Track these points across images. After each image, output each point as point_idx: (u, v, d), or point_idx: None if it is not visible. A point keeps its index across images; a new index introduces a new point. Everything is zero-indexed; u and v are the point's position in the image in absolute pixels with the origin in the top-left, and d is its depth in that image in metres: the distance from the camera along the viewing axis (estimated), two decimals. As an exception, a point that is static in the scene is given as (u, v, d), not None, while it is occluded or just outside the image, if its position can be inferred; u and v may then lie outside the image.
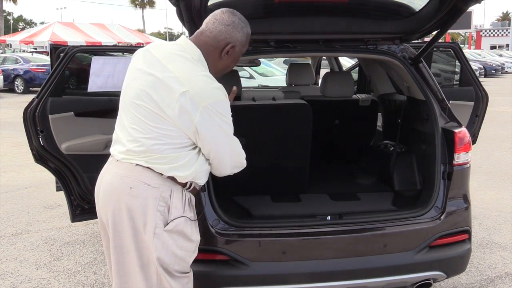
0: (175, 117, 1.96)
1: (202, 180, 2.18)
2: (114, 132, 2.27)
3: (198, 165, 2.10)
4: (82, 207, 3.81)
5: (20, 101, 14.52)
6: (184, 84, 1.95)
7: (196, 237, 2.20)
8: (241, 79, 4.53)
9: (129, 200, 2.05)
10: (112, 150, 2.24)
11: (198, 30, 2.14)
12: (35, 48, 32.67)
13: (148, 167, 2.05)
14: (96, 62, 3.71)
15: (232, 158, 2.13)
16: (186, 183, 2.11)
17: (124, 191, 2.06)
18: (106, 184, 2.14)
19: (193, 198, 2.20)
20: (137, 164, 2.06)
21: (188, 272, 2.20)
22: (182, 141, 2.03)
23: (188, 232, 2.14)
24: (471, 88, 4.57)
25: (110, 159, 2.26)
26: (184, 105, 1.94)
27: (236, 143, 2.13)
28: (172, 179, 2.07)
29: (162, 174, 2.06)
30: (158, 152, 2.02)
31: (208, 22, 2.11)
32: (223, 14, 2.09)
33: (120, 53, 4.60)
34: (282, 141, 3.23)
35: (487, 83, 18.01)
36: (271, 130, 3.22)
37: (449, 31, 4.99)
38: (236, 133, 2.10)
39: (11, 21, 72.14)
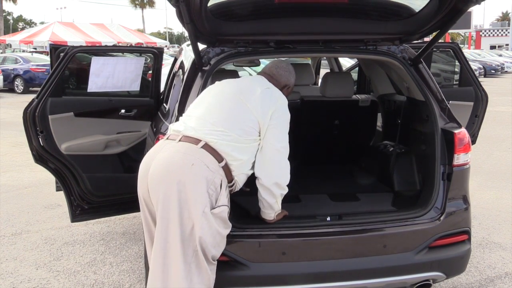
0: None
1: (242, 181, 2.56)
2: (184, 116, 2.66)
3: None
4: (82, 207, 3.82)
5: (20, 101, 14.51)
6: None
7: (228, 229, 2.47)
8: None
9: (187, 174, 2.30)
10: (173, 130, 2.56)
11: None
12: (35, 48, 32.63)
13: (212, 149, 2.39)
14: (96, 62, 3.71)
15: None
16: (232, 179, 2.46)
17: (185, 165, 2.32)
18: (163, 159, 2.38)
19: (230, 196, 2.50)
20: (201, 147, 2.38)
21: (215, 261, 2.42)
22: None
23: (227, 221, 2.43)
24: (470, 88, 4.58)
25: (162, 141, 2.53)
26: None
27: None
28: (225, 169, 2.41)
29: (219, 162, 2.39)
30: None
31: (271, 67, 2.90)
32: (283, 64, 2.95)
33: (120, 53, 4.60)
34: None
35: (487, 83, 18.02)
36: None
37: (449, 31, 4.98)
38: None
39: (11, 21, 72.11)
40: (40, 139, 3.50)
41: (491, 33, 57.26)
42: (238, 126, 2.49)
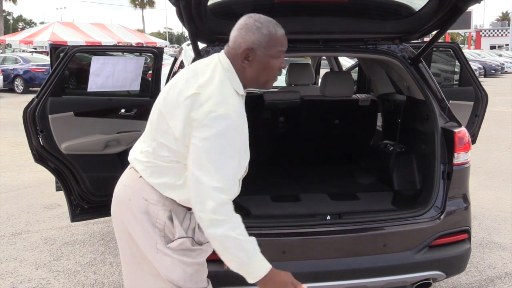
0: None
1: None
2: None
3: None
4: (82, 207, 3.81)
5: (20, 101, 14.50)
6: None
7: (202, 254, 2.04)
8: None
9: (124, 212, 2.02)
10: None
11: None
12: (35, 48, 32.65)
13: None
14: (96, 62, 3.71)
15: None
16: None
17: (123, 201, 2.03)
18: (114, 194, 2.12)
19: None
20: (140, 176, 1.98)
21: (206, 287, 2.08)
22: None
23: (198, 248, 2.00)
24: (470, 88, 4.58)
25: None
26: None
27: None
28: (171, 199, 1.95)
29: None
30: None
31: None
32: (240, 19, 1.93)
33: (120, 53, 4.60)
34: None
35: (487, 83, 18.00)
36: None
37: (449, 31, 5.00)
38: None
39: (11, 21, 72.14)
40: (40, 138, 3.50)
41: (491, 33, 57.24)
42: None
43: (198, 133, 1.78)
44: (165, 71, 4.31)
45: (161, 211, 1.94)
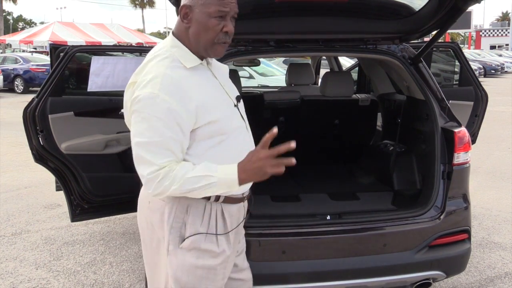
0: None
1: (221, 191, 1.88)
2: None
3: None
4: (82, 206, 3.81)
5: (20, 101, 14.51)
6: None
7: (223, 251, 1.96)
8: (241, 79, 4.53)
9: (148, 214, 1.99)
10: None
11: None
12: (35, 48, 32.65)
13: None
14: (96, 62, 3.71)
15: None
16: (209, 196, 1.86)
17: (144, 205, 2.01)
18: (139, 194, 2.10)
19: (229, 209, 1.96)
20: None
21: None
22: None
23: (212, 248, 1.92)
24: (470, 88, 4.58)
25: None
26: None
27: None
28: None
29: None
30: None
31: None
32: None
33: (120, 53, 4.60)
34: None
35: (487, 83, 18.01)
36: None
37: (449, 31, 5.00)
38: None
39: (11, 21, 72.09)
40: (40, 138, 3.50)
41: (491, 33, 57.24)
42: None
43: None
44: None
45: (178, 209, 1.90)
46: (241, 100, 2.03)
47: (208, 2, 1.78)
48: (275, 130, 1.71)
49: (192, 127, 1.79)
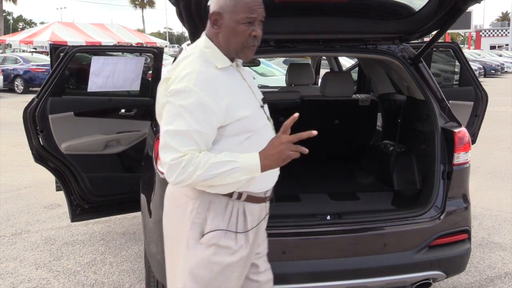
0: None
1: (253, 186, 1.95)
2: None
3: None
4: (82, 206, 3.82)
5: (20, 101, 14.50)
6: None
7: (241, 249, 1.98)
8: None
9: (173, 210, 2.03)
10: None
11: None
12: (35, 48, 32.64)
13: None
14: (96, 62, 3.71)
15: None
16: (232, 193, 1.92)
17: (170, 201, 2.06)
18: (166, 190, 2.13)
19: (252, 208, 1.99)
20: None
21: None
22: None
23: (230, 245, 1.95)
24: (470, 88, 4.58)
25: None
26: None
27: None
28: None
29: None
30: None
31: None
32: None
33: (120, 53, 4.60)
34: None
35: (487, 83, 18.01)
36: None
37: (449, 31, 5.01)
38: None
39: (11, 21, 72.12)
40: (40, 138, 3.50)
41: (491, 33, 57.24)
42: None
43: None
44: (165, 71, 4.30)
45: (201, 205, 1.93)
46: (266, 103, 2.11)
47: (237, 10, 1.85)
48: (296, 114, 1.83)
49: (221, 123, 1.85)
